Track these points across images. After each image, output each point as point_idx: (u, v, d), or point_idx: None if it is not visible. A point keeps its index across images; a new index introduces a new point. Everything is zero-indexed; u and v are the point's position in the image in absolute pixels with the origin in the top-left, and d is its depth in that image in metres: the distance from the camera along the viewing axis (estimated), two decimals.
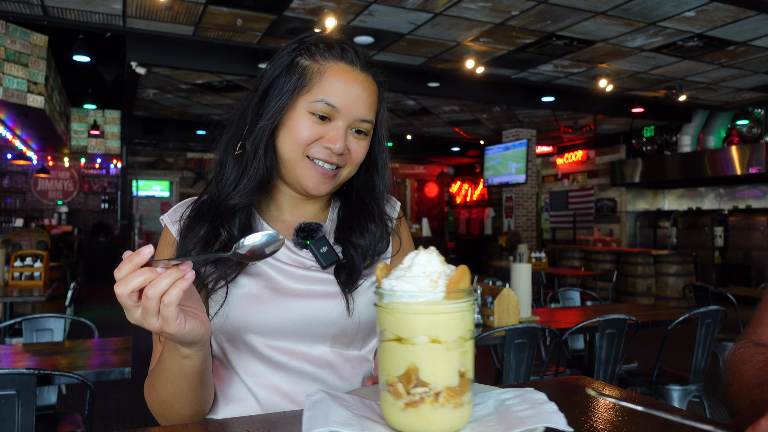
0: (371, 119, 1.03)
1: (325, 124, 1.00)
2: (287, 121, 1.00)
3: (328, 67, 1.01)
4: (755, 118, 9.74)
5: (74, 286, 4.45)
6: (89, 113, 10.86)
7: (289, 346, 0.98)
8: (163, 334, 0.76)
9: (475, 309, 3.01)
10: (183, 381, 0.86)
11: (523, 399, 0.73)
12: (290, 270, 1.01)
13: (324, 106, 0.98)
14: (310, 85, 0.99)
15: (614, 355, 3.10)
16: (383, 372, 0.67)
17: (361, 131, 1.03)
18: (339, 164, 1.02)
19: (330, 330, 0.99)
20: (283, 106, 0.99)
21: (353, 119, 1.01)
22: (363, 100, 1.01)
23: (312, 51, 1.02)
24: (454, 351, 0.65)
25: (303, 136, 0.99)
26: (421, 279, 0.66)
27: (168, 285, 0.70)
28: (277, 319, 0.96)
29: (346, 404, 0.72)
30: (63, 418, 2.52)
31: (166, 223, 1.04)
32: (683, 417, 0.69)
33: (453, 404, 0.65)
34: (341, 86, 0.99)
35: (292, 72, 1.01)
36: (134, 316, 0.73)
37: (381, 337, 0.68)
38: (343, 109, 0.99)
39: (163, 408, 0.91)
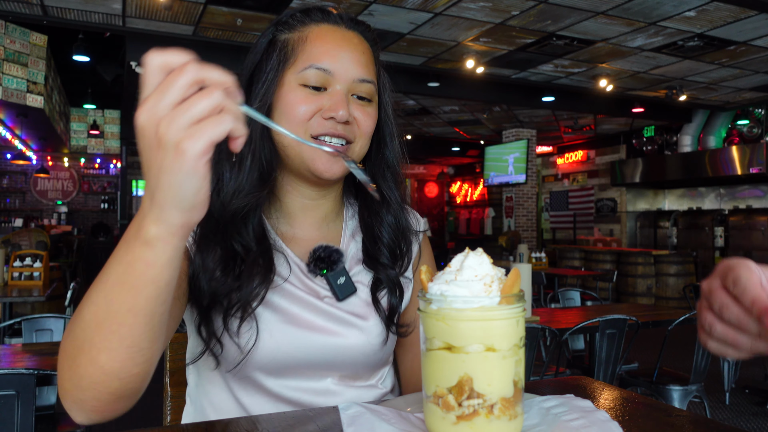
0: (371, 79, 0.92)
1: (320, 94, 0.89)
2: (278, 102, 0.89)
3: (309, 32, 0.91)
4: (756, 118, 9.73)
5: (74, 286, 4.45)
6: (89, 113, 10.86)
7: (293, 380, 0.90)
8: (178, 155, 0.51)
9: None
10: (128, 292, 0.58)
11: (570, 407, 0.70)
12: (304, 298, 0.92)
13: (315, 72, 0.88)
14: (294, 56, 0.89)
15: (614, 356, 3.10)
16: (430, 383, 0.63)
17: (363, 97, 0.92)
18: (347, 137, 0.90)
19: (342, 366, 0.92)
20: (270, 86, 0.89)
21: (351, 80, 0.89)
22: (356, 59, 0.90)
23: (290, 23, 0.93)
24: (509, 359, 0.61)
25: (299, 112, 0.88)
26: (474, 283, 0.61)
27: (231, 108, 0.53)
28: (286, 352, 0.88)
29: (384, 418, 0.68)
30: (63, 418, 2.52)
31: None
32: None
33: (508, 416, 0.60)
34: (329, 47, 0.89)
35: (272, 51, 0.92)
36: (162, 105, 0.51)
37: (428, 345, 0.63)
38: (336, 70, 0.88)
39: (76, 346, 0.62)
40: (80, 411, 0.66)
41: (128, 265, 0.59)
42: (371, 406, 0.71)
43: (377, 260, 0.98)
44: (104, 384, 0.62)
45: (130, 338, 0.60)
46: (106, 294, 0.60)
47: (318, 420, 0.72)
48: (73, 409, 0.66)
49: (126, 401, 0.66)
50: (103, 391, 0.63)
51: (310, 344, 0.89)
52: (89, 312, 0.61)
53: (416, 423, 0.69)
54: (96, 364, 0.61)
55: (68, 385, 0.64)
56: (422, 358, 0.65)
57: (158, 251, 0.57)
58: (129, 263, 0.58)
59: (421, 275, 0.66)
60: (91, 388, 0.63)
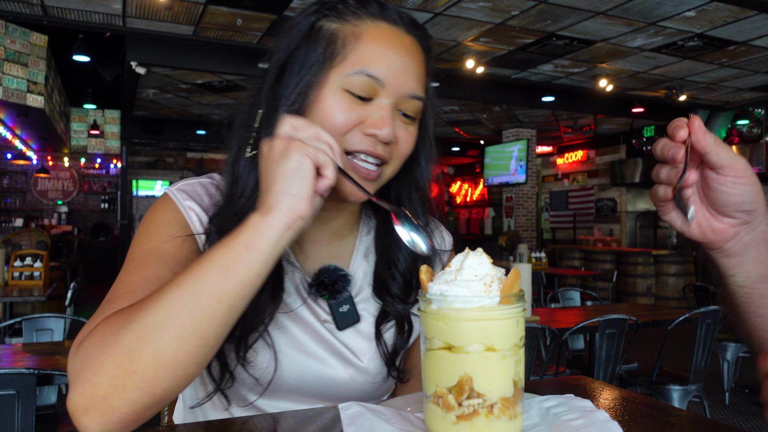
0: (421, 95, 0.81)
1: (364, 104, 0.77)
2: (314, 105, 0.77)
3: (364, 29, 0.78)
4: (755, 118, 9.73)
5: (74, 286, 4.45)
6: (89, 113, 10.86)
7: (282, 401, 0.85)
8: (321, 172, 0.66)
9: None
10: (221, 275, 0.62)
11: (570, 407, 0.70)
12: (304, 317, 0.86)
13: (364, 80, 0.76)
14: (343, 54, 0.77)
15: (614, 355, 3.10)
16: (430, 383, 0.62)
17: (408, 115, 0.81)
18: (384, 158, 0.79)
19: (335, 398, 0.86)
20: (309, 84, 0.77)
21: (401, 95, 0.78)
22: (412, 70, 0.79)
23: (339, 10, 0.80)
24: (509, 359, 0.61)
25: (338, 122, 0.76)
26: (474, 283, 0.61)
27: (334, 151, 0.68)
28: (282, 377, 0.83)
29: (384, 417, 0.68)
30: (63, 418, 2.52)
31: (178, 202, 0.84)
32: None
33: (508, 416, 0.60)
34: (385, 52, 0.77)
35: (315, 40, 0.79)
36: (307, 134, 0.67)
37: (428, 345, 0.62)
38: (388, 82, 0.77)
39: (138, 337, 0.61)
40: (101, 419, 0.61)
41: (229, 248, 0.64)
42: (371, 406, 0.71)
43: (388, 290, 0.89)
44: (154, 382, 0.61)
45: (206, 328, 0.62)
46: (197, 278, 0.63)
47: (318, 420, 0.73)
48: (96, 424, 0.61)
49: (151, 412, 0.64)
50: (148, 391, 0.61)
51: (304, 370, 0.84)
52: (171, 296, 0.62)
53: (416, 423, 0.69)
54: (159, 355, 0.61)
55: (103, 390, 0.60)
56: (422, 358, 0.65)
57: (260, 235, 0.63)
58: (230, 246, 0.64)
59: (421, 275, 0.65)
60: (136, 388, 0.61)
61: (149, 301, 0.63)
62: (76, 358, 0.64)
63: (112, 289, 0.76)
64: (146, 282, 0.73)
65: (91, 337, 0.64)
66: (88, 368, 0.61)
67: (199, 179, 0.89)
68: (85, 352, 0.63)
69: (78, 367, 0.62)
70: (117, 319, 0.64)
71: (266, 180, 0.67)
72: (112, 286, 0.77)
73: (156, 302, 0.62)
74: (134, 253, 0.80)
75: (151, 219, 0.83)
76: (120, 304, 0.69)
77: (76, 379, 0.62)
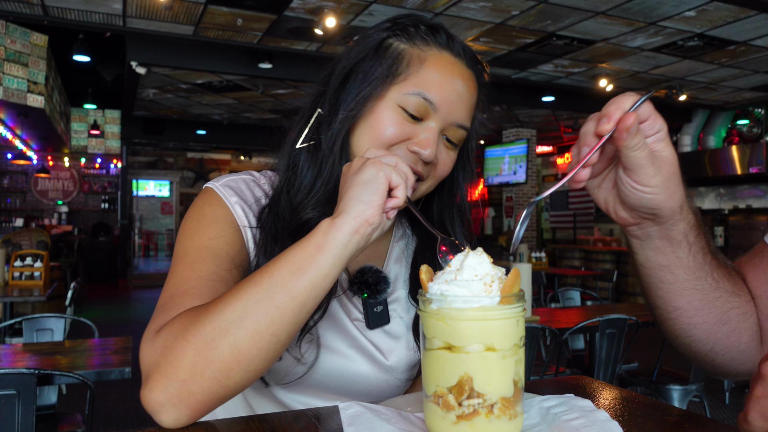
0: (468, 126, 0.87)
1: (415, 123, 0.83)
2: (370, 114, 0.83)
3: (430, 55, 0.84)
4: (755, 118, 9.73)
5: (74, 285, 4.45)
6: (89, 113, 10.86)
7: (304, 396, 0.89)
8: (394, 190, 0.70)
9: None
10: (293, 273, 0.67)
11: (570, 407, 0.70)
12: (335, 314, 0.89)
13: (420, 102, 0.82)
14: (406, 74, 0.83)
15: (614, 355, 3.10)
16: (430, 383, 0.62)
17: (452, 141, 0.87)
18: (422, 175, 0.85)
19: (357, 395, 0.90)
20: (370, 94, 0.83)
21: (449, 122, 0.84)
22: (465, 102, 0.85)
23: (410, 33, 0.86)
24: (509, 359, 0.61)
25: (387, 134, 0.83)
26: (474, 283, 0.61)
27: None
28: (310, 373, 0.86)
29: (384, 417, 0.68)
30: (63, 418, 2.52)
31: (224, 197, 0.86)
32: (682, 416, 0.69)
33: (508, 416, 0.60)
34: (444, 81, 0.83)
35: (382, 55, 0.85)
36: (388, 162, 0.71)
37: (428, 345, 0.63)
38: (441, 108, 0.83)
39: (218, 328, 0.65)
40: (178, 407, 0.65)
41: (301, 249, 0.68)
42: (371, 405, 0.71)
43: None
44: (229, 374, 0.66)
45: (278, 325, 0.66)
46: (272, 275, 0.67)
47: (318, 420, 0.73)
48: (171, 405, 0.65)
49: (220, 403, 0.69)
50: (223, 382, 0.66)
51: (330, 366, 0.87)
52: (248, 292, 0.67)
53: (416, 423, 0.69)
54: (235, 348, 0.65)
55: (183, 373, 0.64)
56: (422, 358, 0.65)
57: (329, 236, 0.67)
58: (302, 247, 0.68)
59: (421, 275, 0.66)
60: (212, 378, 0.65)
61: (228, 294, 0.68)
62: (156, 343, 0.67)
63: (173, 283, 0.78)
64: (210, 278, 0.77)
65: (172, 325, 0.68)
66: (170, 351, 0.65)
67: (239, 175, 0.93)
68: (166, 337, 0.67)
69: (158, 350, 0.66)
70: (197, 311, 0.68)
71: (342, 190, 0.72)
72: (171, 281, 0.79)
73: (235, 297, 0.67)
74: (188, 248, 0.82)
75: (200, 214, 0.86)
76: (190, 298, 0.73)
77: (157, 362, 0.66)
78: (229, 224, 0.85)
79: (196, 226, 0.84)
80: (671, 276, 0.77)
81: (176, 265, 0.81)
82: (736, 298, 0.80)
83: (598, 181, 0.76)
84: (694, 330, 0.81)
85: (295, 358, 0.85)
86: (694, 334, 0.81)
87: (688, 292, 0.78)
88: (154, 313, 0.75)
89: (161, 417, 0.65)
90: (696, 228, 0.76)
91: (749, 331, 0.82)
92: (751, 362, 0.84)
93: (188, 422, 0.67)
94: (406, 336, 0.95)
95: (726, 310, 0.79)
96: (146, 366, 0.67)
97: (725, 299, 0.79)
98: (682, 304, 0.79)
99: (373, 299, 0.90)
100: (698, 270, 0.77)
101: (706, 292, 0.78)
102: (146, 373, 0.67)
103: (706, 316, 0.79)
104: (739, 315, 0.80)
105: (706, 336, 0.81)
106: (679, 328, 0.82)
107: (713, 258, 0.79)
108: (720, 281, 0.79)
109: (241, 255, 0.84)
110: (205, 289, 0.75)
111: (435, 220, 0.97)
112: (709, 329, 0.80)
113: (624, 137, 0.65)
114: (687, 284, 0.77)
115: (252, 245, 0.87)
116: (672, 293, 0.78)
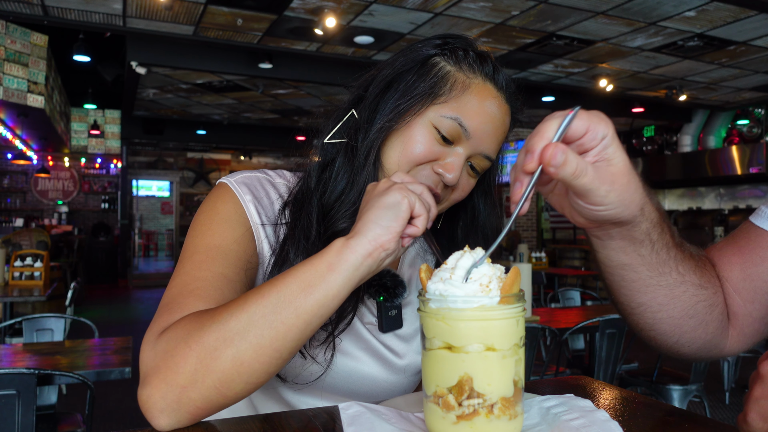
0: (494, 157, 0.88)
1: (445, 145, 0.84)
2: (405, 128, 0.84)
3: (474, 83, 0.85)
4: (755, 118, 9.73)
5: (74, 285, 4.45)
6: (89, 113, 10.86)
7: (312, 398, 0.90)
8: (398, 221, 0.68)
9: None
10: (302, 290, 0.66)
11: (570, 407, 0.70)
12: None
13: (454, 126, 0.82)
14: (447, 96, 0.83)
15: (614, 355, 3.10)
16: (430, 383, 0.62)
17: (475, 169, 0.87)
18: (440, 197, 0.86)
19: (366, 396, 0.91)
20: (409, 108, 0.83)
21: (477, 152, 0.85)
22: (496, 135, 0.86)
23: (459, 56, 0.86)
24: (509, 359, 0.61)
25: (417, 151, 0.83)
26: (474, 283, 0.61)
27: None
28: (314, 368, 0.87)
29: (384, 417, 0.68)
30: (63, 418, 2.52)
31: (239, 194, 0.86)
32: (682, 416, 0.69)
33: (508, 416, 0.60)
34: (483, 111, 0.84)
35: (427, 72, 0.85)
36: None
37: (428, 345, 0.63)
38: (474, 136, 0.83)
39: (222, 338, 0.64)
40: (177, 412, 0.65)
41: (312, 266, 0.67)
42: (371, 405, 0.71)
43: None
44: (229, 385, 0.65)
45: (281, 341, 0.66)
46: (279, 290, 0.66)
47: (318, 420, 0.73)
48: (171, 410, 0.65)
49: (218, 410, 0.68)
50: (222, 392, 0.65)
51: (341, 369, 0.88)
52: (255, 304, 0.66)
53: (416, 423, 0.69)
54: (237, 360, 0.64)
55: (183, 380, 0.64)
56: (422, 357, 0.65)
57: (341, 256, 0.66)
58: (313, 264, 0.67)
59: (420, 274, 0.66)
60: (212, 387, 0.64)
61: (234, 305, 0.67)
62: (158, 346, 0.67)
63: (179, 280, 0.77)
64: (216, 278, 0.76)
65: (176, 329, 0.67)
66: (171, 357, 0.65)
67: (254, 173, 0.92)
68: (168, 341, 0.66)
69: (160, 354, 0.66)
70: (202, 317, 0.67)
71: (363, 209, 0.71)
72: (178, 277, 0.77)
73: (241, 308, 0.66)
74: (197, 246, 0.81)
75: (213, 210, 0.85)
76: (195, 300, 0.73)
77: (158, 365, 0.65)
78: (242, 223, 0.84)
79: (208, 223, 0.83)
80: (634, 274, 0.75)
81: (184, 261, 0.80)
82: (703, 291, 0.79)
83: (549, 188, 0.71)
84: (659, 324, 0.80)
85: (313, 360, 0.85)
86: (659, 328, 0.80)
87: (652, 288, 0.76)
88: (158, 311, 0.74)
89: (159, 421, 0.65)
90: (659, 225, 0.73)
91: (715, 322, 0.80)
92: (717, 349, 0.83)
93: (185, 425, 0.67)
94: (417, 338, 0.96)
95: (692, 303, 0.78)
96: (146, 368, 0.67)
97: (692, 293, 0.78)
98: (645, 300, 0.77)
99: (389, 303, 0.90)
100: (662, 266, 0.75)
101: (671, 287, 0.76)
102: (145, 375, 0.67)
103: (671, 311, 0.78)
104: (706, 308, 0.79)
105: (671, 329, 0.80)
106: (643, 323, 0.81)
107: (678, 251, 0.77)
108: (686, 275, 0.77)
109: (251, 256, 0.84)
110: (211, 291, 0.74)
111: (460, 245, 0.97)
112: (675, 323, 0.79)
113: (554, 172, 0.60)
114: (650, 281, 0.76)
115: (266, 245, 0.86)
116: (635, 290, 0.77)
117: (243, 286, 0.80)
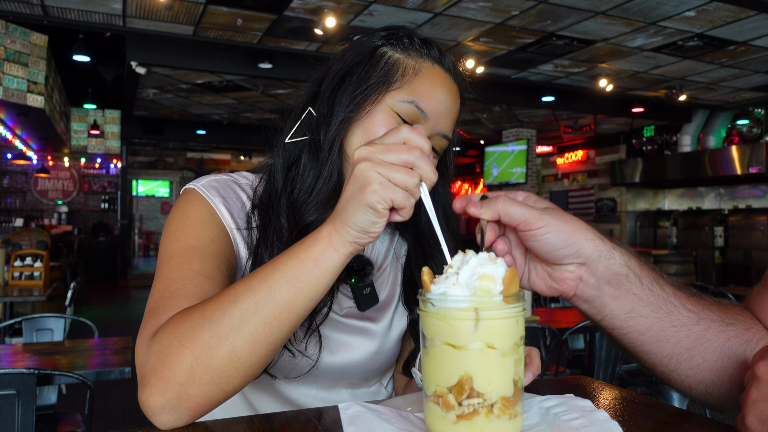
0: (450, 136, 0.92)
1: None
2: (366, 116, 0.87)
3: (424, 67, 0.89)
4: (755, 118, 9.73)
5: (74, 285, 4.45)
6: (89, 113, 10.87)
7: (306, 387, 0.94)
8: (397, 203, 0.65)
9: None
10: (292, 286, 0.67)
11: (570, 407, 0.70)
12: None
13: (412, 109, 0.86)
14: (401, 82, 0.87)
15: (614, 355, 3.10)
16: (430, 382, 0.63)
17: (435, 149, 0.90)
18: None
19: (353, 374, 0.96)
20: (367, 98, 0.86)
21: (435, 132, 0.89)
22: (450, 114, 0.90)
23: (405, 44, 0.90)
24: (509, 358, 0.61)
25: (379, 135, 0.83)
26: (473, 283, 0.62)
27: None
28: (304, 361, 0.90)
29: (384, 417, 0.68)
30: (63, 418, 2.52)
31: (208, 198, 0.88)
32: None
33: (508, 415, 0.61)
34: (436, 93, 0.88)
35: (377, 61, 0.88)
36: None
37: (428, 345, 0.63)
38: (431, 117, 0.87)
39: (217, 335, 0.65)
40: (178, 409, 0.66)
41: (299, 260, 0.67)
42: (371, 405, 0.71)
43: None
44: (227, 380, 0.67)
45: (276, 334, 0.67)
46: (270, 285, 0.67)
47: (318, 420, 0.73)
48: (171, 407, 0.66)
49: (218, 405, 0.69)
50: (221, 387, 0.67)
51: (330, 355, 0.93)
52: (246, 300, 0.66)
53: (416, 422, 0.69)
54: (234, 356, 0.66)
55: (181, 377, 0.65)
56: (422, 357, 0.65)
57: (326, 255, 0.67)
58: (300, 258, 0.67)
59: (423, 277, 0.66)
60: (211, 383, 0.66)
61: (224, 300, 0.67)
62: (152, 348, 0.68)
63: (160, 285, 0.78)
64: (195, 276, 0.77)
65: (167, 330, 0.68)
66: (167, 356, 0.66)
67: (220, 176, 0.94)
68: (161, 342, 0.67)
69: (155, 355, 0.67)
70: (192, 316, 0.68)
71: (345, 197, 0.68)
72: (158, 283, 0.78)
73: (232, 304, 0.67)
74: (173, 250, 0.82)
75: (184, 215, 0.86)
76: (178, 300, 0.74)
77: (154, 366, 0.66)
78: (216, 223, 0.86)
79: (180, 228, 0.85)
80: (642, 320, 0.72)
81: (162, 267, 0.81)
82: (730, 327, 0.74)
83: (524, 279, 0.76)
84: (701, 374, 0.74)
85: (302, 354, 0.89)
86: (703, 377, 0.74)
87: (669, 332, 0.73)
88: (144, 317, 0.75)
89: (161, 419, 0.66)
90: (637, 258, 0.73)
91: None
92: None
93: (186, 423, 0.68)
94: (389, 304, 1.02)
95: (723, 341, 0.73)
96: (143, 370, 0.68)
97: (716, 330, 0.73)
98: (671, 348, 0.73)
99: (361, 283, 0.92)
100: (664, 304, 0.72)
101: (688, 326, 0.73)
102: (143, 377, 0.67)
103: (704, 353, 0.73)
104: (742, 344, 0.73)
105: (716, 376, 0.73)
106: (684, 377, 0.75)
107: (675, 289, 0.74)
108: (699, 312, 0.73)
109: (230, 254, 0.86)
110: (191, 288, 0.75)
111: (423, 225, 1.01)
112: (714, 367, 0.73)
113: (484, 213, 0.70)
114: (662, 323, 0.72)
115: (242, 247, 0.88)
116: (655, 340, 0.73)
117: (224, 279, 0.81)
